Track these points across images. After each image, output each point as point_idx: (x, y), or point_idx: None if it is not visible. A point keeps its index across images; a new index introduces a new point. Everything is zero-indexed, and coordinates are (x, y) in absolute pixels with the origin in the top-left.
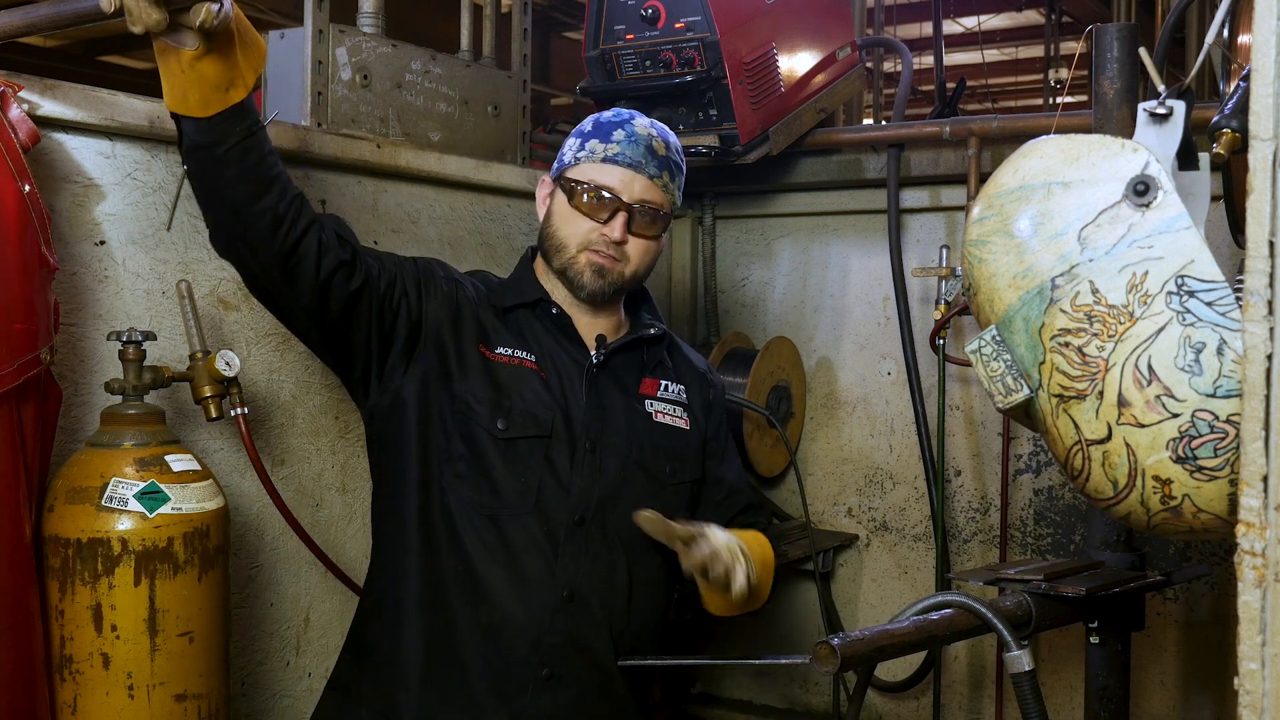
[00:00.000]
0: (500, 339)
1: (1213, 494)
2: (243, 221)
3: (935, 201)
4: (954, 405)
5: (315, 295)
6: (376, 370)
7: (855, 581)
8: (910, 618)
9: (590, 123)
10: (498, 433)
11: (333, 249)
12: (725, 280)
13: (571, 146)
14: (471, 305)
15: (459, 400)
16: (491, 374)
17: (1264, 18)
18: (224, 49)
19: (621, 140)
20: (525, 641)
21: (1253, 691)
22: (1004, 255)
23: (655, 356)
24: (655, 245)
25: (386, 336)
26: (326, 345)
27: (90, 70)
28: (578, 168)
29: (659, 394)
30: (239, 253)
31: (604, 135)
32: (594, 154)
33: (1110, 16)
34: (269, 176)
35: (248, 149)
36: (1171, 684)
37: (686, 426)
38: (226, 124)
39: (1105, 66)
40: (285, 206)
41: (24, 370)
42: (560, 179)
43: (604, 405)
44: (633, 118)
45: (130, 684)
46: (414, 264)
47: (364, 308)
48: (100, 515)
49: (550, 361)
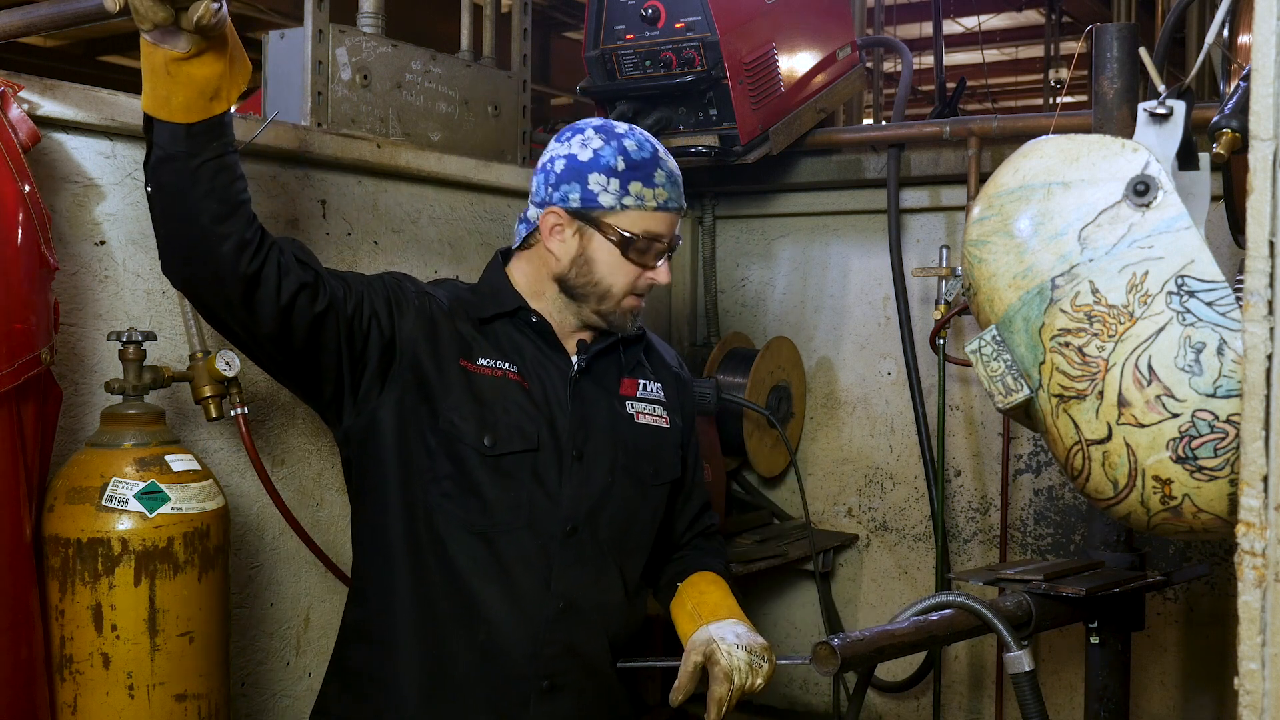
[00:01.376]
0: (481, 350)
1: (1213, 494)
2: (206, 243)
3: (935, 201)
4: (954, 405)
5: (277, 320)
6: (350, 393)
7: (855, 581)
8: (910, 618)
9: (618, 156)
10: (485, 450)
11: (293, 271)
12: (725, 280)
13: (607, 187)
14: (448, 318)
15: (442, 419)
16: (474, 388)
17: (1264, 18)
18: (216, 55)
19: (664, 183)
20: (524, 656)
21: (1253, 691)
22: (1004, 255)
23: (634, 357)
24: None
25: (358, 359)
26: (291, 371)
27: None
28: (625, 215)
29: (639, 394)
30: (197, 279)
31: (646, 179)
32: (643, 201)
33: (1110, 16)
34: (238, 200)
35: (221, 167)
36: (1171, 684)
37: (667, 425)
38: (204, 137)
39: (1105, 66)
40: (251, 233)
41: (24, 370)
42: (601, 224)
43: (587, 412)
44: (656, 149)
45: (130, 684)
46: (381, 282)
47: (330, 330)
48: (100, 515)
49: (532, 370)
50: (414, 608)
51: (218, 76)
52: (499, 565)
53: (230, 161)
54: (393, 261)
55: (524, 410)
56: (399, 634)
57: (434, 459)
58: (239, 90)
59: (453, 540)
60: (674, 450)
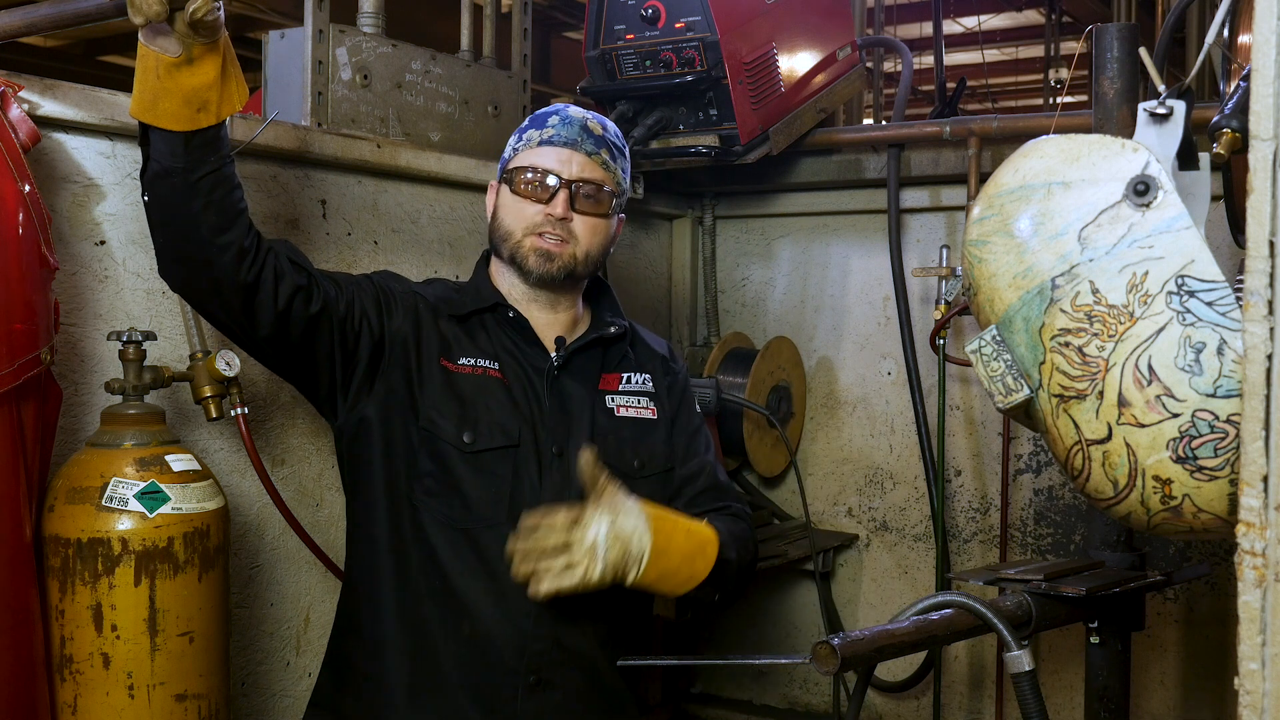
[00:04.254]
0: (461, 349)
1: (1213, 494)
2: (205, 254)
3: (935, 201)
4: (954, 405)
5: (275, 324)
6: (341, 391)
7: (855, 581)
8: (910, 618)
9: (527, 119)
10: (464, 447)
11: (288, 274)
12: (725, 280)
13: (511, 143)
14: (431, 317)
15: (423, 416)
16: (454, 387)
17: (1264, 18)
18: (209, 64)
19: (556, 124)
20: (510, 651)
21: (1253, 691)
22: (1004, 255)
23: (618, 354)
24: (604, 225)
25: (349, 358)
26: (289, 370)
27: (90, 70)
28: (516, 158)
29: (621, 388)
30: (197, 287)
31: (539, 124)
32: (530, 141)
33: (1110, 16)
34: (236, 210)
35: (219, 180)
36: (1171, 684)
37: (654, 416)
38: (202, 151)
39: (1105, 66)
40: (249, 241)
41: (24, 370)
42: (503, 174)
43: (567, 408)
44: (566, 106)
45: (130, 684)
46: (370, 282)
47: (324, 331)
48: (100, 515)
49: (512, 367)
50: (400, 603)
51: (207, 87)
52: (482, 561)
53: (228, 173)
54: (393, 261)
55: (504, 407)
56: (386, 628)
57: (417, 456)
58: (231, 108)
59: (436, 536)
60: (663, 441)
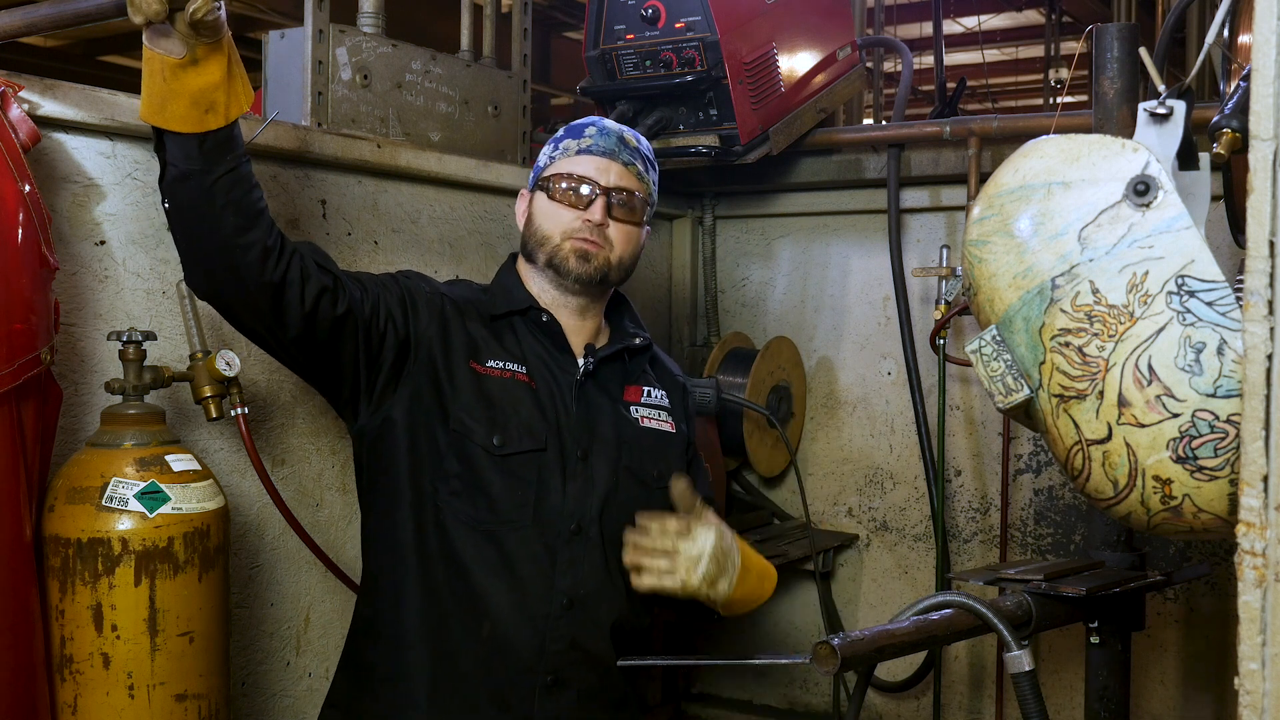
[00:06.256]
0: (490, 351)
1: (1213, 494)
2: (230, 256)
3: (935, 201)
4: (954, 405)
5: (303, 324)
6: (365, 393)
7: (855, 581)
8: (910, 618)
9: (562, 129)
10: (493, 449)
11: (314, 275)
12: (725, 280)
13: (546, 152)
14: (459, 318)
15: (453, 419)
16: (483, 390)
17: (1264, 18)
18: (214, 64)
19: (594, 134)
20: (529, 652)
21: (1253, 691)
22: (1004, 255)
23: (640, 366)
24: (637, 233)
25: (374, 359)
26: (313, 371)
27: (90, 70)
28: (553, 166)
29: (643, 400)
30: (224, 290)
31: (575, 134)
32: (567, 150)
33: (1110, 16)
34: (257, 209)
35: (237, 180)
36: (1171, 684)
37: (673, 430)
38: (218, 151)
39: (1105, 66)
40: (273, 240)
41: (24, 370)
42: (538, 182)
43: (592, 414)
44: (602, 119)
45: (130, 684)
46: (395, 282)
47: (349, 332)
48: (100, 515)
49: (540, 372)
50: (422, 604)
51: (213, 87)
52: (505, 562)
53: (245, 172)
54: (393, 261)
55: (531, 411)
56: (408, 630)
57: (443, 458)
58: (239, 110)
59: (460, 537)
60: (680, 454)
